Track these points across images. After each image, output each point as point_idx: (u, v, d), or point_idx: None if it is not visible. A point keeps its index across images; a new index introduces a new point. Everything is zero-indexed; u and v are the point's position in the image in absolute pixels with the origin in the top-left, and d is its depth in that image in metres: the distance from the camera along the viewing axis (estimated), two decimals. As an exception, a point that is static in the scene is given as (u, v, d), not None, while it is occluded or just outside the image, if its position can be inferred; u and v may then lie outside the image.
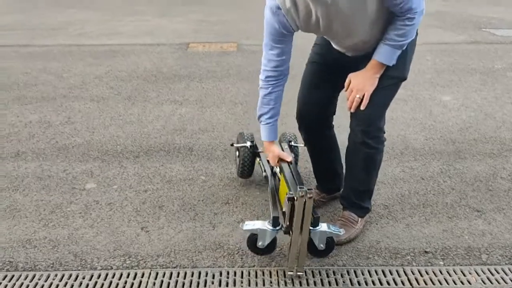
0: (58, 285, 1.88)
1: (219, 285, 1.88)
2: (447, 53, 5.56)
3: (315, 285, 1.88)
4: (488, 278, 1.92)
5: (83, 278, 1.92)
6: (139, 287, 1.87)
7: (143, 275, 1.93)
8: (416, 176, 2.75)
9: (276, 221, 1.92)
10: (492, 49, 5.78)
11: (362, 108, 1.95)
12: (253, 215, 2.35)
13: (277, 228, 1.92)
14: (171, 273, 1.94)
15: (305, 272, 1.94)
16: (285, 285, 1.88)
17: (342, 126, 2.43)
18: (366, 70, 1.93)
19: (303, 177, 2.40)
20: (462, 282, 1.90)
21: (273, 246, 1.96)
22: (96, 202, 2.48)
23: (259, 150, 2.56)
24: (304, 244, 1.85)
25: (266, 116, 2.06)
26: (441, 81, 4.51)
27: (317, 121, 2.22)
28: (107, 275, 1.94)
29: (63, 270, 1.97)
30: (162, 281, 1.90)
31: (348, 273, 1.95)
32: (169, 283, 1.89)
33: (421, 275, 1.93)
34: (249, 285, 1.88)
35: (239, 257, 2.04)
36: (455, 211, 2.40)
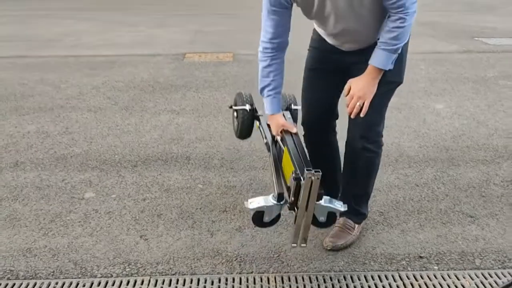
0: (58, 293, 1.90)
1: (218, 291, 1.91)
2: (440, 62, 5.64)
3: (312, 290, 1.91)
4: (481, 282, 1.96)
5: (84, 286, 1.94)
6: (139, 294, 1.90)
7: (142, 282, 1.96)
8: (410, 183, 2.79)
9: (281, 197, 1.93)
10: (485, 58, 5.87)
11: (362, 115, 1.97)
12: (250, 222, 2.37)
13: (282, 202, 1.94)
14: (170, 280, 1.97)
15: (302, 277, 1.98)
16: (283, 290, 1.91)
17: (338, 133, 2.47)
18: (364, 76, 1.96)
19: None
20: (456, 286, 1.94)
21: (277, 218, 2.00)
22: (95, 211, 2.50)
23: (258, 114, 2.49)
24: (309, 219, 1.87)
25: (268, 89, 2.08)
26: (435, 89, 4.58)
27: (322, 123, 2.24)
28: (107, 282, 1.96)
29: (63, 278, 1.99)
30: (162, 288, 1.93)
31: (345, 278, 1.99)
32: (168, 290, 1.92)
33: (416, 280, 1.97)
34: (247, 291, 1.91)
35: (237, 264, 2.07)
36: (449, 217, 2.44)
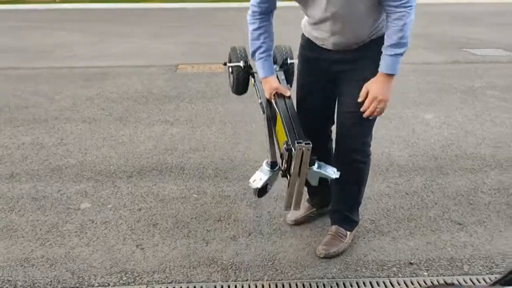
0: (56, 302, 1.93)
1: (214, 299, 1.95)
2: (429, 73, 5.74)
3: (306, 297, 1.96)
4: None
5: (81, 294, 1.98)
6: (136, 302, 1.93)
7: (139, 291, 2.00)
8: (400, 192, 2.86)
9: (274, 164, 2.00)
10: (472, 68, 5.99)
11: (378, 115, 2.01)
12: (244, 231, 2.43)
13: (276, 169, 2.00)
14: (166, 288, 2.01)
15: (296, 285, 2.02)
16: (277, 297, 1.96)
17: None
18: (379, 82, 1.96)
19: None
20: (445, 292, 1.99)
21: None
22: (91, 221, 2.54)
23: (253, 71, 2.42)
24: (301, 186, 1.93)
25: (259, 51, 2.11)
26: (424, 100, 4.67)
27: (319, 132, 2.25)
28: (104, 291, 2.00)
29: (61, 288, 2.02)
30: (158, 296, 1.96)
31: (337, 285, 2.04)
32: (165, 298, 1.95)
33: (406, 286, 2.03)
34: (242, 299, 1.95)
35: (232, 272, 2.12)
36: (438, 225, 2.51)
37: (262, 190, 2.06)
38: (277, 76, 2.25)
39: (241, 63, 2.40)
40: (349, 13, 1.92)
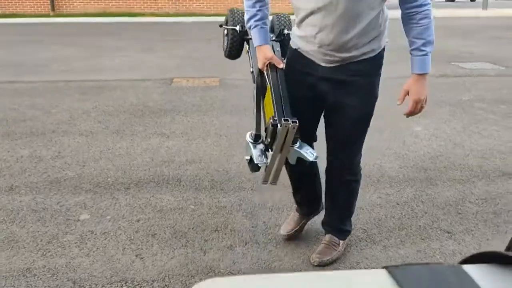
0: (59, 310, 1.99)
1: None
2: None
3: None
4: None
5: (83, 303, 2.03)
6: (136, 310, 1.99)
7: (140, 299, 2.06)
8: (391, 202, 2.95)
9: (258, 137, 2.01)
10: (461, 81, 6.14)
11: (419, 113, 2.08)
12: (241, 240, 2.50)
13: (258, 142, 2.01)
14: (166, 296, 2.07)
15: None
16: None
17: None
18: (416, 83, 2.01)
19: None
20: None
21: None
22: (91, 232, 2.60)
23: (249, 37, 2.31)
24: (282, 162, 1.93)
25: (254, 19, 2.07)
26: (413, 112, 4.78)
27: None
28: (105, 299, 2.06)
29: (63, 296, 2.08)
30: (158, 304, 2.03)
31: (331, 292, 2.11)
32: (165, 306, 2.02)
33: (397, 292, 2.10)
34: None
35: (229, 280, 2.18)
36: (427, 233, 2.60)
37: (254, 165, 2.01)
38: (272, 47, 2.19)
39: (238, 27, 2.33)
40: (345, 5, 1.82)
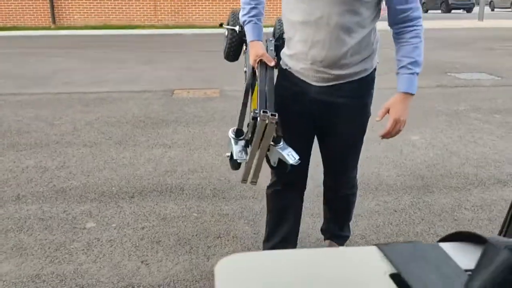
0: (68, 314, 2.05)
1: (216, 309, 2.08)
2: (416, 96, 5.90)
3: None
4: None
5: (91, 307, 2.10)
6: (143, 313, 2.06)
7: (146, 303, 2.13)
8: (389, 209, 3.03)
9: (240, 133, 1.95)
10: (456, 92, 6.25)
11: (395, 135, 1.99)
12: (243, 247, 2.58)
13: (240, 138, 1.95)
14: (172, 301, 2.14)
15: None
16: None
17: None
18: (399, 102, 1.94)
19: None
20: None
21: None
22: (97, 239, 2.67)
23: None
24: (261, 160, 1.87)
25: (249, 15, 2.05)
26: (410, 122, 4.83)
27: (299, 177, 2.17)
28: (113, 304, 2.13)
29: (72, 301, 2.15)
30: (164, 308, 2.10)
31: (331, 295, 2.18)
32: (170, 309, 2.09)
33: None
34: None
35: (233, 285, 2.25)
36: (424, 239, 2.67)
37: (234, 162, 1.93)
38: (266, 46, 2.13)
39: (237, 28, 2.31)
40: (338, 20, 1.76)
